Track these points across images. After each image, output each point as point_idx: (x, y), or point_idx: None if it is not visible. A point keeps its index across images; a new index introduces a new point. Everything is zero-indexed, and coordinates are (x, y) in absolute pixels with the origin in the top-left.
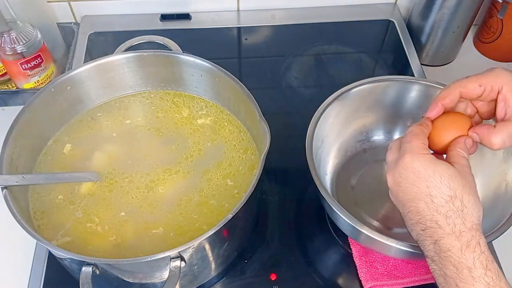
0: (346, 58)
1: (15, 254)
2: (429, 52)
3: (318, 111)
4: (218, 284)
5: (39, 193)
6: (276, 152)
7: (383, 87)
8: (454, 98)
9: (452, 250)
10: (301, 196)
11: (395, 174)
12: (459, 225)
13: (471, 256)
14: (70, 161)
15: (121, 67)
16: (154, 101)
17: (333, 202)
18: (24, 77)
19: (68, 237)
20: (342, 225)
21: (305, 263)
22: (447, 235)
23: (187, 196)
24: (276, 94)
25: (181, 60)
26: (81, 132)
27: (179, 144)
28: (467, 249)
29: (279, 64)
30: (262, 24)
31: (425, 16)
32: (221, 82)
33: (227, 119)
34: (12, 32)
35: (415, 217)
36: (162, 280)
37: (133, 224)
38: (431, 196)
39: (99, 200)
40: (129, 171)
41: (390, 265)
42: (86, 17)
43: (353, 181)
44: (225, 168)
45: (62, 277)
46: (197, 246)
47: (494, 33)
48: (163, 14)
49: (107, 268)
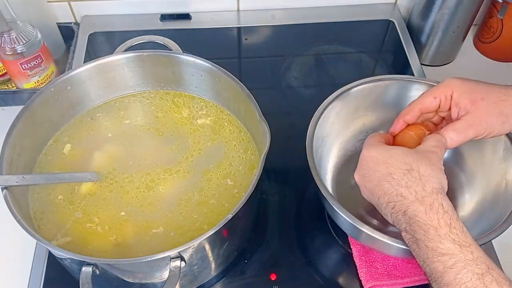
0: (346, 58)
1: (15, 254)
2: (429, 52)
3: (318, 110)
4: (218, 284)
5: (39, 193)
6: (276, 152)
7: (383, 86)
8: (414, 114)
9: (418, 215)
10: (301, 196)
11: (359, 169)
12: (420, 191)
13: (435, 216)
14: (70, 161)
15: (121, 67)
16: (154, 101)
17: (333, 201)
18: (24, 77)
19: (68, 237)
20: (342, 224)
21: (305, 263)
22: (412, 202)
23: (187, 196)
24: (276, 94)
25: (181, 60)
26: (81, 132)
27: (179, 143)
28: (431, 211)
29: (279, 64)
30: (262, 24)
31: (425, 16)
32: (221, 82)
33: (227, 119)
34: (12, 32)
35: (384, 199)
36: (162, 280)
37: (133, 223)
38: (391, 174)
39: (99, 200)
40: (129, 170)
41: (390, 265)
42: (86, 17)
43: (353, 180)
44: (225, 168)
45: (62, 277)
46: (197, 246)
47: (494, 33)
48: (163, 14)
49: (107, 268)
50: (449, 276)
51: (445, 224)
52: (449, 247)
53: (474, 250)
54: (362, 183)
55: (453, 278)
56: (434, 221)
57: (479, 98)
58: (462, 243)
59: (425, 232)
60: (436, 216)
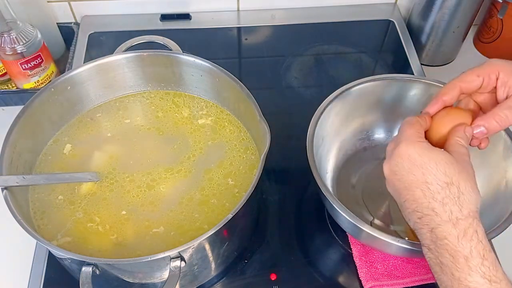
0: (346, 58)
1: (15, 254)
2: (429, 52)
3: (318, 110)
4: (218, 284)
5: (39, 193)
6: (276, 152)
7: (383, 85)
8: (455, 94)
9: (448, 238)
10: (301, 196)
11: (391, 163)
12: (456, 212)
13: (468, 244)
14: (70, 161)
15: (121, 67)
16: (154, 101)
17: (334, 200)
18: (24, 77)
19: (68, 237)
20: (343, 223)
21: (305, 263)
22: (444, 222)
23: (189, 195)
24: (276, 94)
25: (181, 60)
26: (81, 132)
27: (181, 143)
28: (464, 237)
29: (279, 64)
30: (262, 24)
31: (425, 16)
32: (221, 82)
33: (228, 119)
34: (12, 32)
35: (411, 206)
36: (162, 280)
37: (134, 222)
38: (427, 183)
39: (99, 199)
40: (130, 170)
41: (390, 265)
42: (86, 17)
43: (354, 179)
44: (226, 168)
45: (62, 277)
46: (197, 246)
47: (494, 33)
48: (163, 14)
49: (107, 268)
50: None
51: (478, 255)
52: (478, 281)
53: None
54: (391, 179)
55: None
56: (466, 250)
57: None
58: (493, 278)
59: (453, 259)
60: (469, 245)
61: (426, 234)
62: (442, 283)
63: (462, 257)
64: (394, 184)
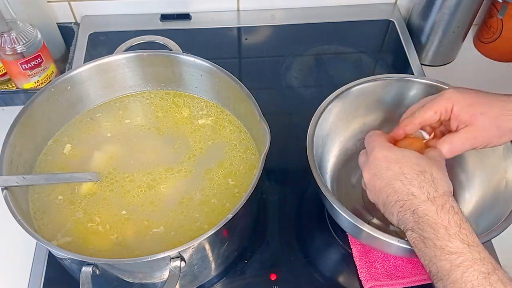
0: (346, 58)
1: (15, 254)
2: (429, 52)
3: (318, 110)
4: (218, 284)
5: (39, 193)
6: (276, 152)
7: (383, 85)
8: (415, 127)
9: (429, 214)
10: (301, 196)
11: (370, 167)
12: (433, 192)
13: (446, 216)
14: (70, 161)
15: (121, 67)
16: (154, 101)
17: (334, 199)
18: (24, 77)
19: (68, 237)
20: (343, 223)
21: (305, 263)
22: (423, 202)
23: (189, 195)
24: (276, 94)
25: (181, 60)
26: (81, 132)
27: (181, 143)
28: (442, 210)
29: (279, 64)
30: (262, 24)
31: (425, 16)
32: (221, 82)
33: (228, 119)
34: (12, 32)
35: (393, 198)
36: (162, 280)
37: (134, 222)
38: (404, 174)
39: (99, 199)
40: (130, 170)
41: (390, 265)
42: (86, 17)
43: (354, 179)
44: (226, 168)
45: (62, 277)
46: (197, 246)
47: (494, 33)
48: (163, 14)
49: (107, 268)
50: (456, 274)
51: (455, 224)
52: (458, 246)
53: (481, 250)
54: (372, 182)
55: (460, 276)
56: (444, 221)
57: (479, 112)
58: (471, 243)
59: (434, 231)
60: (447, 216)
61: (409, 218)
62: (425, 257)
63: (442, 227)
64: (375, 186)
